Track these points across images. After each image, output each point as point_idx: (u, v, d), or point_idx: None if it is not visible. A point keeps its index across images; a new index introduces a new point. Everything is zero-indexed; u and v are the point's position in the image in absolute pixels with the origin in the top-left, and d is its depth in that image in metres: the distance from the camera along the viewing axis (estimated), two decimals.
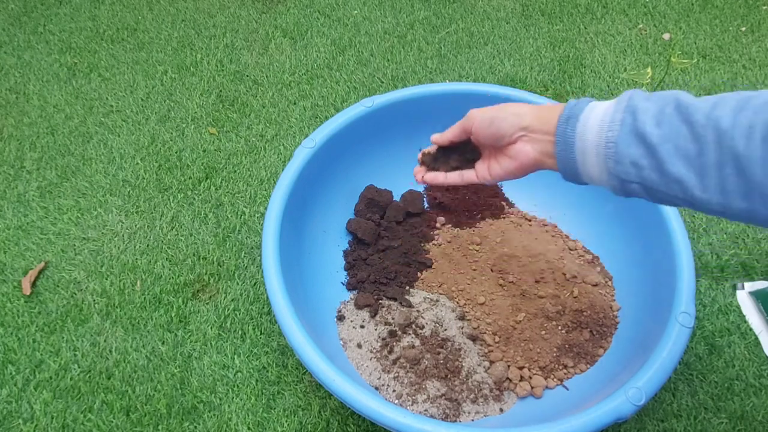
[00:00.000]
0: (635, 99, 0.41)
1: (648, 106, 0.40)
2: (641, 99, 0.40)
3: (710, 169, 0.36)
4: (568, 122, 0.44)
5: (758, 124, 0.33)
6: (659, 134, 0.38)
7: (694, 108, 0.37)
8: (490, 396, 0.68)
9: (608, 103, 0.43)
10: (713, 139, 0.35)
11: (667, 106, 0.39)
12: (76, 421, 0.71)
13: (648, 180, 0.39)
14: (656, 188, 0.39)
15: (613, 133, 0.40)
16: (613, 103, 0.42)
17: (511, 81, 1.14)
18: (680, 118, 0.37)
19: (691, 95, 0.39)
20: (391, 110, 0.82)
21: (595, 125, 0.42)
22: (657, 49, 1.21)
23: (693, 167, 0.37)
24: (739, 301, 0.82)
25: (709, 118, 0.36)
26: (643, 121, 0.39)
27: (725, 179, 0.35)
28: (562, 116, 0.45)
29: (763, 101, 0.34)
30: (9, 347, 0.78)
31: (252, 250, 0.88)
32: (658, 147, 0.38)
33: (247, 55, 1.21)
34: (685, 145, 0.37)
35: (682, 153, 0.37)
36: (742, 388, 0.74)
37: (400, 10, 1.31)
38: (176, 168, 0.99)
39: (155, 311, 0.81)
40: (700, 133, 0.36)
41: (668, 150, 0.37)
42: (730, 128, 0.34)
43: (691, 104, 0.37)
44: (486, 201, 0.87)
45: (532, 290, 0.75)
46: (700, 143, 0.36)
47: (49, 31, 1.26)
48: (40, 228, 0.91)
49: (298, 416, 0.72)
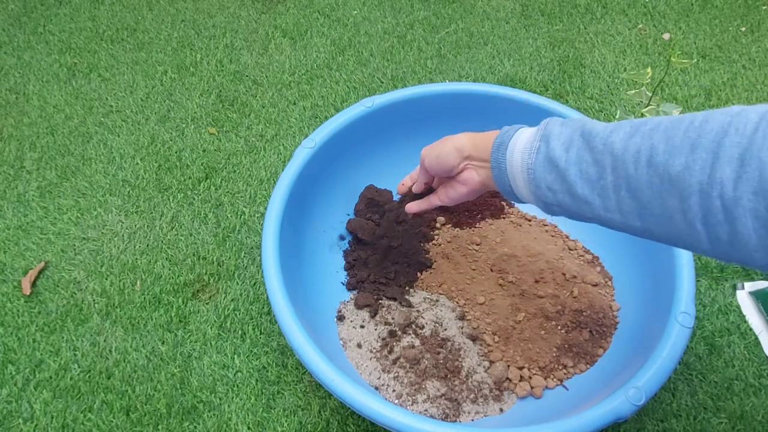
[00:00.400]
0: (550, 125, 0.44)
1: (561, 131, 0.43)
2: (556, 125, 0.44)
3: (609, 191, 0.38)
4: (499, 149, 0.48)
5: (643, 149, 0.36)
6: (566, 159, 0.41)
7: (595, 133, 0.40)
8: (490, 396, 0.68)
9: (532, 130, 0.46)
10: (609, 163, 0.38)
11: (575, 132, 0.41)
12: (76, 420, 0.71)
13: (563, 203, 0.43)
14: (570, 209, 0.43)
15: (531, 160, 0.44)
16: (535, 130, 0.46)
17: (511, 81, 1.14)
18: (584, 144, 0.40)
19: (597, 122, 0.42)
20: (391, 110, 0.82)
21: (519, 152, 0.46)
22: (657, 49, 1.21)
23: (595, 189, 0.40)
24: (739, 301, 0.82)
25: (606, 144, 0.38)
26: (554, 147, 0.42)
27: (622, 201, 0.38)
28: (495, 143, 0.49)
29: (650, 128, 0.36)
30: (9, 347, 0.78)
31: (252, 250, 0.88)
32: (566, 171, 0.41)
33: (247, 55, 1.21)
34: (587, 169, 0.40)
35: (586, 176, 0.40)
36: (742, 388, 0.74)
37: (400, 10, 1.31)
38: (176, 168, 0.99)
39: (155, 311, 0.81)
40: (598, 158, 0.39)
41: (575, 173, 0.40)
42: (621, 153, 0.37)
43: (593, 129, 0.40)
44: (486, 201, 0.87)
45: (532, 290, 0.75)
46: (599, 167, 0.39)
47: (49, 31, 1.26)
48: (40, 228, 0.91)
49: (298, 416, 0.72)
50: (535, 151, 0.44)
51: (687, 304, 0.62)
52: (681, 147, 0.33)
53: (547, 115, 0.81)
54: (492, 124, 0.86)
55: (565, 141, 0.42)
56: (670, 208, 0.35)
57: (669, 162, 0.34)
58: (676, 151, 0.34)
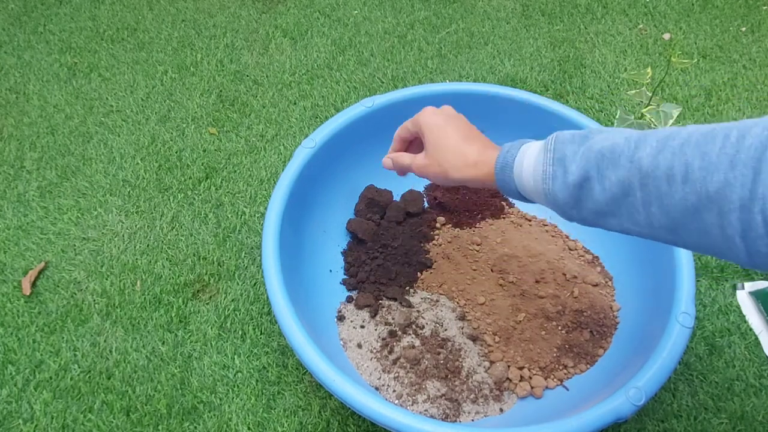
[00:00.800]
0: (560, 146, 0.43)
1: (574, 151, 0.42)
2: (566, 145, 0.43)
3: (638, 207, 0.38)
4: (504, 170, 0.48)
5: (677, 166, 0.35)
6: (588, 181, 0.41)
7: (617, 150, 0.39)
8: (490, 396, 0.68)
9: (537, 149, 0.45)
10: (638, 180, 0.38)
11: (590, 151, 0.41)
12: (76, 421, 0.71)
13: (587, 219, 0.43)
14: (595, 223, 0.43)
15: (548, 186, 0.44)
16: (541, 149, 0.45)
17: (511, 81, 1.14)
18: (606, 163, 0.40)
19: (608, 134, 0.41)
20: (391, 110, 0.82)
21: (529, 175, 0.45)
22: (657, 49, 1.21)
23: (622, 206, 0.39)
24: (739, 301, 0.82)
25: (632, 161, 0.38)
26: (572, 172, 0.41)
27: (652, 216, 0.38)
28: (497, 164, 0.49)
29: (679, 143, 0.36)
30: (9, 347, 0.78)
31: (252, 250, 0.88)
32: (590, 192, 0.41)
33: (247, 55, 1.21)
34: (612, 188, 0.39)
35: (611, 195, 0.39)
36: (743, 388, 0.74)
37: (400, 10, 1.31)
38: (176, 168, 0.99)
39: (155, 311, 0.81)
40: (624, 175, 0.38)
41: (599, 192, 0.40)
42: (652, 170, 0.37)
43: (614, 146, 0.39)
44: (486, 201, 0.87)
45: (532, 290, 0.75)
46: (626, 185, 0.38)
47: (49, 31, 1.26)
48: (40, 228, 0.91)
49: (299, 416, 0.72)
50: (551, 178, 0.43)
51: (687, 304, 0.62)
52: (719, 163, 0.33)
53: (547, 115, 0.81)
54: (492, 123, 0.87)
55: (582, 163, 0.41)
56: (706, 224, 0.34)
57: (707, 179, 0.33)
58: (714, 167, 0.33)
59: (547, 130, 0.89)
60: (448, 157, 0.52)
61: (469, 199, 0.87)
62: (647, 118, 0.78)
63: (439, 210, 0.87)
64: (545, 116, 0.82)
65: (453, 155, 0.52)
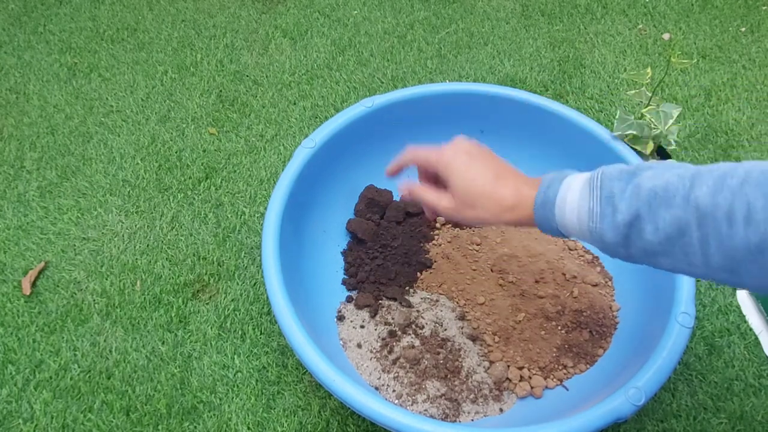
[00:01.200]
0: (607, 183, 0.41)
1: (623, 189, 0.40)
2: (614, 182, 0.41)
3: (695, 248, 0.37)
4: (545, 206, 0.46)
5: (738, 207, 0.34)
6: (639, 221, 0.39)
7: (671, 189, 0.38)
8: (490, 396, 0.68)
9: (581, 185, 0.43)
10: (695, 220, 0.37)
11: (641, 189, 0.40)
12: (76, 421, 0.71)
13: (635, 257, 0.42)
14: (644, 261, 0.42)
15: (595, 224, 0.42)
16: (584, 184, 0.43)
17: (511, 81, 1.14)
18: (659, 202, 0.38)
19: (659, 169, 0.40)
20: (391, 110, 0.82)
21: (573, 213, 0.43)
22: (657, 49, 1.21)
23: (676, 245, 0.38)
24: (739, 301, 0.82)
25: (688, 201, 0.37)
26: (622, 211, 0.40)
27: (710, 257, 0.36)
28: (537, 201, 0.46)
29: (738, 182, 0.35)
30: (9, 347, 0.78)
31: (252, 250, 0.88)
32: (641, 232, 0.39)
33: (247, 55, 1.21)
34: (666, 228, 0.38)
35: (664, 234, 0.38)
36: (742, 388, 0.74)
37: (400, 11, 1.31)
38: (176, 168, 0.99)
39: (155, 311, 0.81)
40: (680, 215, 0.37)
41: (651, 232, 0.39)
42: (711, 210, 0.36)
43: (667, 185, 0.38)
44: None
45: (532, 290, 0.75)
46: (681, 224, 0.37)
47: (49, 31, 1.26)
48: (40, 228, 0.91)
49: (298, 416, 0.72)
50: (598, 216, 0.41)
51: (687, 304, 0.62)
52: None
53: (547, 115, 0.81)
54: (492, 123, 0.87)
55: (633, 201, 0.40)
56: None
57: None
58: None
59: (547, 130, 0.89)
60: (481, 202, 0.48)
61: None
62: (647, 118, 0.78)
63: None
64: (545, 116, 0.82)
65: (487, 200, 0.48)
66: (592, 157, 0.80)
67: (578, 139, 0.80)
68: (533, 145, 0.86)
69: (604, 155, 0.78)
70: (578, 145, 0.81)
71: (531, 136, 0.86)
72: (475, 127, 0.88)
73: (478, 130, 0.88)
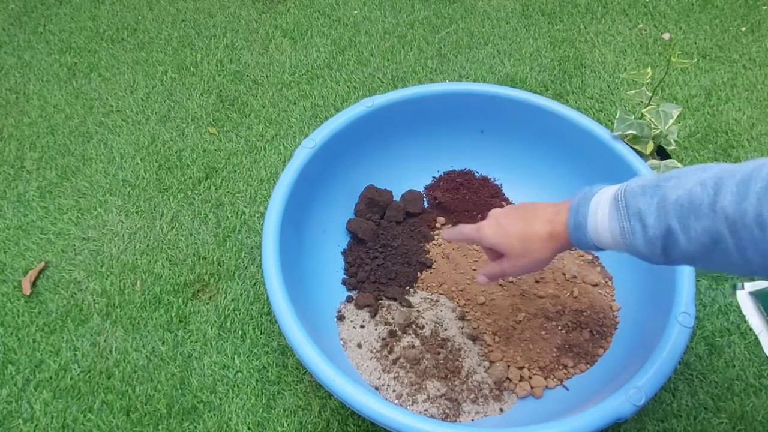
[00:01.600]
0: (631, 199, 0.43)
1: (649, 203, 0.42)
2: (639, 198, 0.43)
3: (732, 253, 0.38)
4: (578, 230, 0.48)
5: (766, 212, 0.35)
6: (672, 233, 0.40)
7: (696, 200, 0.39)
8: (490, 396, 0.68)
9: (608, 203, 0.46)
10: (726, 228, 0.37)
11: (667, 202, 0.41)
12: (76, 421, 0.71)
13: (677, 263, 0.43)
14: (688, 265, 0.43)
15: (627, 239, 0.44)
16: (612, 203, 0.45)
17: (511, 81, 1.14)
18: (687, 214, 0.39)
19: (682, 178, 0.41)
20: (391, 110, 0.82)
21: (605, 232, 0.46)
22: (657, 49, 1.21)
23: (714, 252, 0.39)
24: (739, 301, 0.82)
25: (715, 211, 0.37)
26: (652, 226, 0.41)
27: (750, 260, 0.37)
28: (570, 225, 0.49)
29: (761, 186, 0.36)
30: (9, 347, 0.78)
31: (252, 250, 0.88)
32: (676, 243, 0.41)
33: (247, 55, 1.21)
34: (699, 237, 0.39)
35: (699, 243, 0.39)
36: (742, 388, 0.74)
37: (400, 10, 1.31)
38: (176, 168, 0.99)
39: (155, 311, 0.81)
40: (709, 224, 0.38)
41: (685, 243, 0.40)
42: (740, 217, 0.36)
43: (692, 195, 0.39)
44: (486, 201, 0.87)
45: (532, 290, 0.75)
46: (713, 233, 0.38)
47: (49, 31, 1.26)
48: (40, 228, 0.91)
49: (298, 416, 0.72)
50: (629, 233, 0.43)
51: (687, 304, 0.62)
52: None
53: (547, 115, 0.81)
54: (492, 123, 0.87)
55: (661, 215, 0.41)
56: None
57: None
58: None
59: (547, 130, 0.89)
60: (525, 247, 0.53)
61: (469, 199, 0.87)
62: (647, 118, 0.78)
63: (439, 210, 0.87)
64: (545, 116, 0.82)
65: (528, 242, 0.53)
66: (592, 157, 0.80)
67: (578, 139, 0.80)
68: (533, 145, 0.86)
69: (604, 155, 0.78)
70: (578, 145, 0.81)
71: (531, 136, 0.86)
72: (475, 127, 0.88)
73: (478, 130, 0.88)
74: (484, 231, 0.57)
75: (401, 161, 0.88)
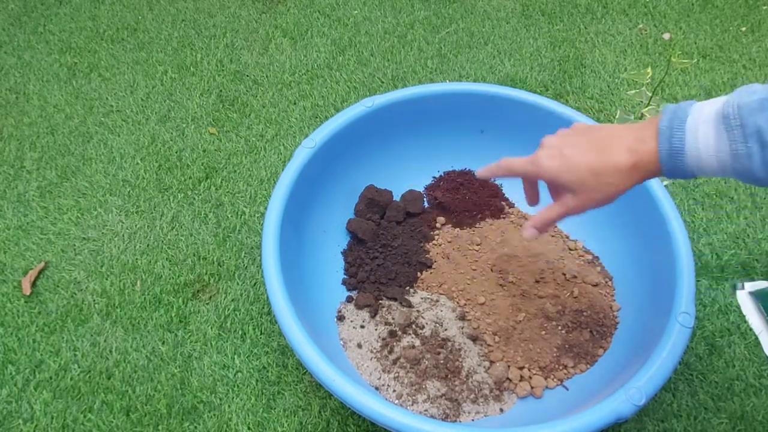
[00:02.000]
0: (747, 117, 0.37)
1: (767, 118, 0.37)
2: (754, 112, 0.37)
3: None
4: (675, 157, 0.41)
5: None
6: None
7: None
8: (490, 396, 0.68)
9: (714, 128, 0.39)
10: None
11: None
12: (76, 421, 0.71)
13: None
14: None
15: (740, 163, 0.38)
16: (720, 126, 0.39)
17: (511, 81, 1.14)
18: None
19: None
20: (391, 110, 0.82)
21: (712, 160, 0.40)
22: (657, 49, 1.21)
23: None
24: (739, 301, 0.82)
25: None
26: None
27: None
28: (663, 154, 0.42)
29: None
30: (9, 347, 0.78)
31: (252, 250, 0.88)
32: None
33: (247, 55, 1.21)
34: None
35: None
36: (742, 388, 0.74)
37: (400, 10, 1.31)
38: (176, 168, 0.99)
39: (155, 311, 0.81)
40: None
41: None
42: None
43: None
44: (486, 201, 0.87)
45: (532, 290, 0.75)
46: None
47: (49, 31, 1.26)
48: (40, 228, 0.91)
49: (299, 416, 0.72)
50: (745, 156, 0.38)
51: (687, 304, 0.62)
52: None
53: (547, 115, 0.81)
54: (492, 123, 0.87)
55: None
56: None
57: None
58: None
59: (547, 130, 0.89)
60: (600, 180, 0.45)
61: (469, 199, 0.87)
62: (647, 118, 0.78)
63: (439, 210, 0.87)
64: (545, 116, 0.82)
65: (604, 176, 0.45)
66: None
67: None
68: (533, 145, 0.86)
69: None
70: None
71: (531, 136, 0.85)
72: (475, 127, 0.88)
73: (478, 130, 0.88)
74: (543, 163, 0.48)
75: (401, 161, 0.88)
